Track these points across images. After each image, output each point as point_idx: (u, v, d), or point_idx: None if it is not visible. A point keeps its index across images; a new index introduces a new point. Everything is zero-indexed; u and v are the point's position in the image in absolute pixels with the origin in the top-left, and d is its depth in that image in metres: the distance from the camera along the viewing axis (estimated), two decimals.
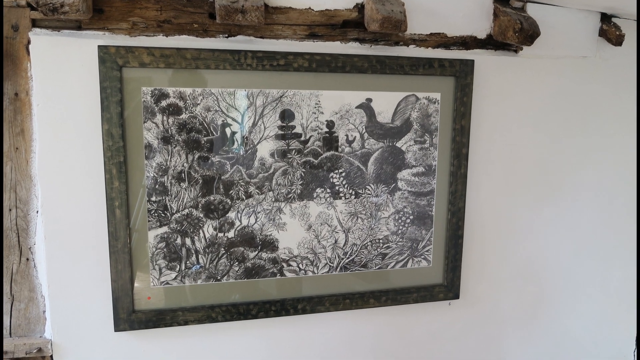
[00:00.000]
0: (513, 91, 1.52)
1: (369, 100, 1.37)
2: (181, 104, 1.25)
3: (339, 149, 1.37)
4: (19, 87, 1.19)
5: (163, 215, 1.29)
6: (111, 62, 1.18)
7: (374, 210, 1.44)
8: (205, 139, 1.28)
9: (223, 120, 1.28)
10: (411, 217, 1.47)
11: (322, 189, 1.39)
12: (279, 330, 1.44)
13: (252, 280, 1.38)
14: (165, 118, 1.24)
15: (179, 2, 1.23)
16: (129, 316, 1.30)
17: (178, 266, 1.32)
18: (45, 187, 1.23)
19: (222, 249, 1.34)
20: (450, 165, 1.47)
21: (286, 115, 1.32)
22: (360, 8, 1.33)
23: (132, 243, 1.29)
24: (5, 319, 1.28)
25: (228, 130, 1.29)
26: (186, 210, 1.30)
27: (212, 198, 1.31)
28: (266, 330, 1.43)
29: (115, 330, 1.30)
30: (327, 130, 1.36)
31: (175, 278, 1.33)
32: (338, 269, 1.44)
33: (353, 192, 1.41)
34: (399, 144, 1.42)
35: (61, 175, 1.23)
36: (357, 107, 1.37)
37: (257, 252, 1.37)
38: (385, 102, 1.38)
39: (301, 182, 1.37)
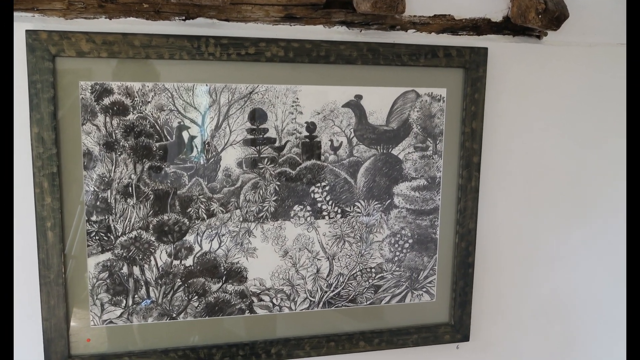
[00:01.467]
0: (535, 86, 1.54)
1: (359, 97, 1.39)
2: (128, 102, 1.27)
3: (322, 158, 1.39)
4: None
5: (106, 238, 1.31)
6: (42, 51, 1.19)
7: (364, 233, 1.46)
8: (157, 144, 1.29)
9: (179, 122, 1.30)
10: (410, 240, 1.49)
11: (301, 207, 1.41)
12: None
13: (216, 318, 1.40)
14: (108, 119, 1.26)
15: None
16: None
17: (124, 301, 1.34)
18: None
19: (179, 280, 1.36)
20: (459, 178, 1.49)
21: (257, 116, 1.34)
22: None
23: (67, 273, 1.30)
24: None
25: (185, 134, 1.31)
26: (134, 233, 1.32)
27: (165, 217, 1.34)
28: None
29: None
30: (307, 134, 1.37)
31: (120, 316, 1.35)
32: (320, 305, 1.46)
33: (339, 211, 1.43)
34: (395, 151, 1.44)
35: None
36: (344, 106, 1.39)
37: (221, 283, 1.39)
38: (379, 100, 1.40)
39: (275, 197, 1.38)
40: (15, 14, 1.21)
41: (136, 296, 1.36)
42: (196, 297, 1.39)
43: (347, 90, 1.39)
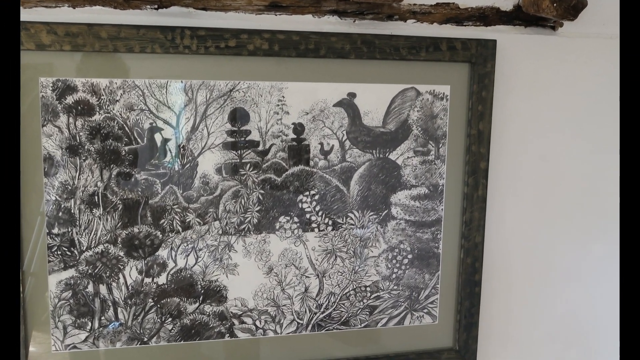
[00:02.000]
0: (550, 83, 1.54)
1: (352, 95, 1.39)
2: (94, 100, 1.26)
3: (311, 163, 1.39)
4: None
5: (69, 253, 1.30)
6: None
7: (358, 247, 1.46)
8: (126, 148, 1.30)
9: (151, 123, 1.30)
10: (410, 256, 1.49)
11: (288, 218, 1.40)
12: None
13: (192, 342, 1.39)
14: (71, 120, 1.26)
15: None
16: None
17: (90, 324, 1.33)
18: None
19: (150, 300, 1.36)
20: (464, 185, 1.49)
21: (238, 117, 1.34)
22: None
23: (26, 292, 1.29)
24: None
25: (158, 137, 1.31)
26: (101, 247, 1.32)
27: (136, 230, 1.33)
28: None
29: None
30: (295, 136, 1.37)
31: (85, 340, 1.34)
32: (309, 328, 1.46)
33: (330, 222, 1.43)
34: (393, 156, 1.44)
35: None
36: (335, 105, 1.39)
37: (198, 304, 1.39)
38: (375, 99, 1.40)
39: (259, 208, 1.38)
40: None
41: (103, 318, 1.35)
42: (170, 319, 1.38)
43: (339, 88, 1.39)
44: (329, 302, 1.47)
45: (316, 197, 1.42)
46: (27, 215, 1.28)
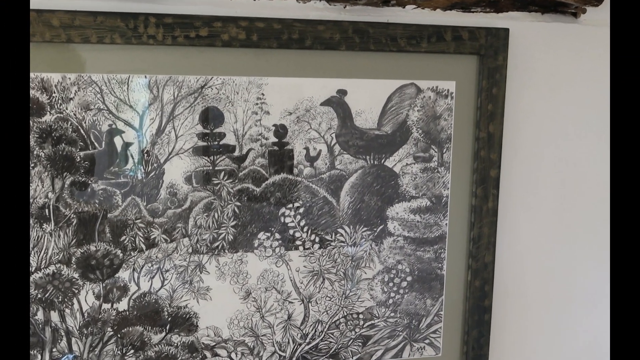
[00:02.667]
0: (571, 78, 1.53)
1: (342, 93, 1.38)
2: (44, 98, 1.25)
3: (295, 171, 1.39)
4: None
5: None
6: None
7: (349, 268, 1.45)
8: (82, 154, 1.28)
9: (111, 125, 1.29)
10: (409, 278, 1.49)
11: (268, 234, 1.40)
12: None
13: None
14: None
15: None
16: None
17: (39, 356, 1.32)
18: None
19: (109, 329, 1.34)
20: (472, 197, 1.49)
21: (211, 117, 1.33)
22: None
23: None
24: None
25: (118, 141, 1.30)
26: (52, 268, 1.30)
27: (92, 248, 1.31)
28: None
29: None
30: (276, 140, 1.37)
31: None
32: None
33: (317, 239, 1.43)
34: (389, 163, 1.43)
35: None
36: (323, 104, 1.38)
37: (164, 333, 1.38)
38: (369, 96, 1.40)
39: (234, 222, 1.38)
40: None
41: (54, 350, 1.33)
42: (132, 350, 1.37)
43: (328, 84, 1.38)
44: (315, 331, 1.47)
45: (301, 210, 1.42)
46: None
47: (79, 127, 1.28)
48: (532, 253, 1.59)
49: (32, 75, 1.24)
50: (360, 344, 1.50)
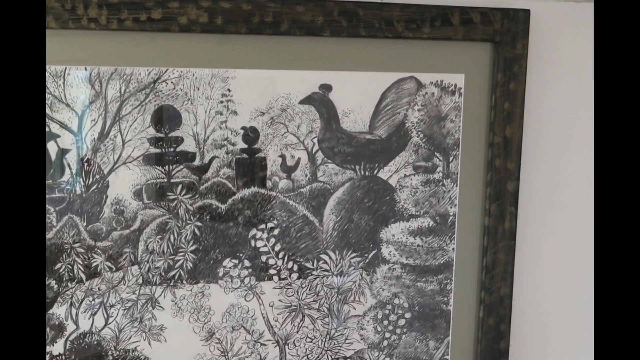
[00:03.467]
0: None
1: (326, 88, 1.36)
2: None
3: (268, 184, 1.37)
4: None
5: None
6: None
7: (335, 303, 1.44)
8: None
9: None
10: (408, 314, 1.47)
11: (236, 262, 1.38)
12: None
13: None
14: None
15: None
16: None
17: None
18: None
19: None
20: (484, 216, 1.47)
21: (165, 118, 1.31)
22: None
23: None
24: None
25: (53, 147, 1.28)
26: None
27: None
28: None
29: None
30: (246, 146, 1.35)
31: None
32: None
33: (295, 267, 1.41)
34: (384, 174, 1.41)
35: None
36: (302, 102, 1.36)
37: None
38: (358, 93, 1.37)
39: (195, 247, 1.36)
40: None
41: None
42: None
43: (308, 78, 1.36)
44: None
45: (275, 231, 1.40)
46: None
47: None
48: (557, 285, 1.58)
49: None
50: None
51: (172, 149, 1.33)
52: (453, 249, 1.48)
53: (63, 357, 1.35)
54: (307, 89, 1.36)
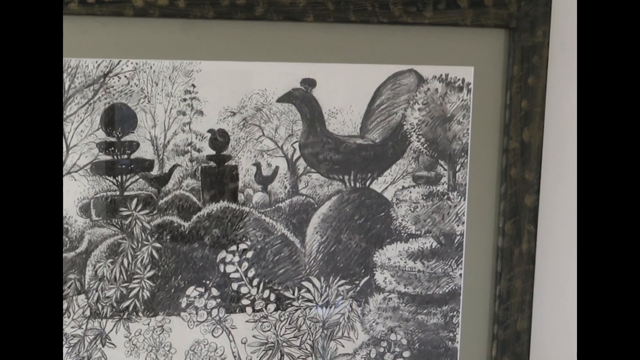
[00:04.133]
0: None
1: (310, 83, 1.32)
2: None
3: (240, 197, 1.33)
4: None
5: None
6: None
7: (320, 339, 1.40)
8: None
9: None
10: (407, 353, 1.42)
11: (201, 290, 1.34)
12: None
13: None
14: None
15: None
16: None
17: None
18: None
19: None
20: (497, 235, 1.41)
21: (118, 120, 1.28)
22: None
23: None
24: None
25: None
26: None
27: None
28: None
29: None
30: (213, 152, 1.31)
31: None
32: None
33: (272, 297, 1.37)
34: (378, 185, 1.37)
35: None
36: (281, 100, 1.32)
37: None
38: (347, 89, 1.33)
39: (153, 272, 1.33)
40: None
41: None
42: None
43: (288, 71, 1.33)
44: None
45: (249, 254, 1.37)
46: None
47: None
48: None
49: None
50: None
51: (125, 156, 1.32)
52: (460, 275, 1.45)
53: None
54: (286, 85, 1.34)
